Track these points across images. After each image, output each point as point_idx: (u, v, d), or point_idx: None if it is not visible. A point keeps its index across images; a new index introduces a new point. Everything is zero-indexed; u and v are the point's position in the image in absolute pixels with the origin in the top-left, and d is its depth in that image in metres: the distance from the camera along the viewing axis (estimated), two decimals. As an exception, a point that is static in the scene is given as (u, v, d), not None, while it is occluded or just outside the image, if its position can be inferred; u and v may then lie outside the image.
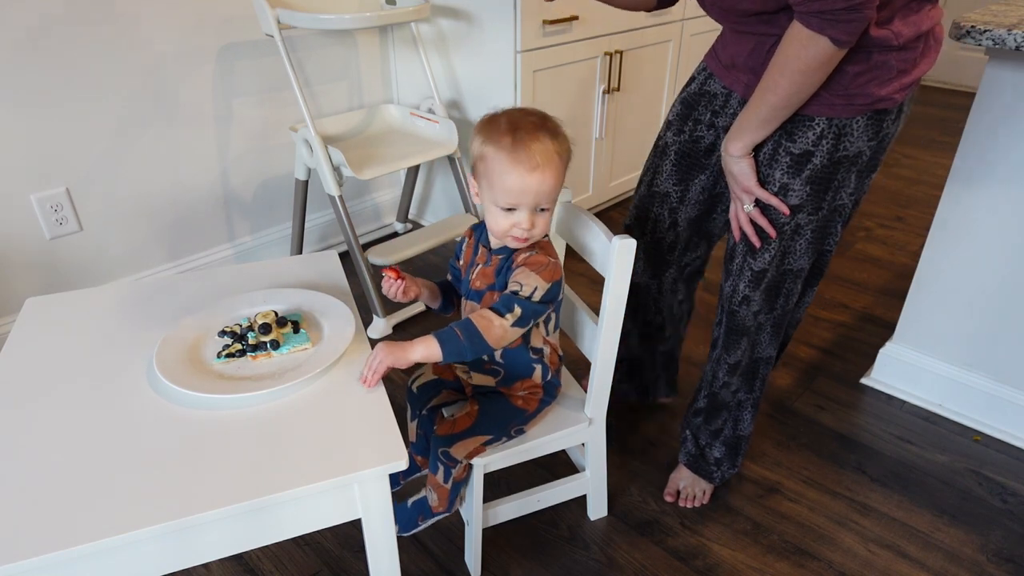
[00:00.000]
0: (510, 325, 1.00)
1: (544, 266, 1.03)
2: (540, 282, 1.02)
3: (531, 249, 1.05)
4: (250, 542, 0.82)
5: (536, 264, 1.03)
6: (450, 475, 1.14)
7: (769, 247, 1.16)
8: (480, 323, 0.99)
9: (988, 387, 1.59)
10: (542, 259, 1.04)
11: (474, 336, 0.98)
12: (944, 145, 3.46)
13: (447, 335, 0.99)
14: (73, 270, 1.88)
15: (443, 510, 1.20)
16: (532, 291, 1.01)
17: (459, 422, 1.13)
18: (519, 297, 1.01)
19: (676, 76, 2.67)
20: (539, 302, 1.02)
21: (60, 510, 0.74)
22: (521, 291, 1.01)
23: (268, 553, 1.31)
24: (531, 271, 1.02)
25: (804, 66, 0.97)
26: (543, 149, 0.98)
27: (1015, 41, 1.19)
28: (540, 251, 1.05)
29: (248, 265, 1.25)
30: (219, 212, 2.13)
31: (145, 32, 1.80)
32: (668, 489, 1.44)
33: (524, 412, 1.16)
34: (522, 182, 0.98)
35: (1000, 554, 1.32)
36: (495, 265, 1.08)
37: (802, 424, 1.64)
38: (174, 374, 0.92)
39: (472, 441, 1.12)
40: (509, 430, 1.15)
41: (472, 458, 1.13)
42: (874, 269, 2.32)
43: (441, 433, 1.13)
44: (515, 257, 1.05)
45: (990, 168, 1.42)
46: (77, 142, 1.78)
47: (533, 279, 1.02)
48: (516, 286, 1.02)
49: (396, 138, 2.10)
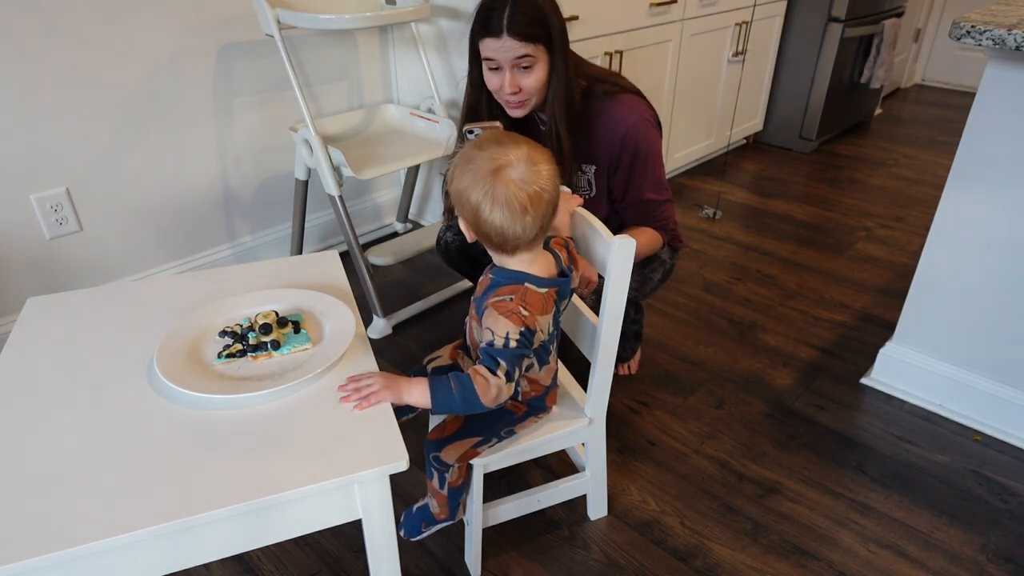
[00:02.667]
0: (504, 383, 0.95)
1: (511, 311, 0.96)
2: (511, 327, 0.95)
3: (506, 295, 0.98)
4: (250, 542, 0.82)
5: (504, 307, 0.96)
6: (444, 480, 1.13)
7: None
8: (478, 383, 0.94)
9: (988, 387, 1.59)
10: (512, 308, 0.96)
11: (469, 394, 0.94)
12: (944, 145, 3.46)
13: (441, 387, 0.95)
14: (73, 270, 1.88)
15: (445, 518, 1.19)
16: (504, 337, 0.95)
17: (448, 425, 1.12)
18: (496, 349, 0.95)
19: (676, 76, 2.67)
20: (516, 347, 0.95)
21: (60, 510, 0.74)
22: (495, 341, 0.95)
23: (268, 553, 1.31)
24: (499, 314, 0.95)
25: None
26: None
27: (1015, 41, 1.19)
28: (516, 298, 0.97)
29: (248, 265, 1.25)
30: (219, 212, 2.13)
31: (145, 32, 1.80)
32: None
33: (513, 414, 1.15)
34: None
35: (1000, 554, 1.32)
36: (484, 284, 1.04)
37: (802, 424, 1.64)
38: (174, 374, 0.92)
39: (462, 444, 1.11)
40: (499, 431, 1.14)
41: (464, 461, 1.12)
42: (874, 269, 2.32)
43: (431, 438, 1.12)
44: (492, 295, 0.99)
45: (990, 168, 1.42)
46: (77, 142, 1.78)
47: (502, 324, 0.95)
48: (488, 335, 0.96)
49: (396, 138, 2.10)
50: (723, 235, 2.56)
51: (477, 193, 0.93)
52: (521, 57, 1.23)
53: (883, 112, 4.01)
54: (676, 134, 2.86)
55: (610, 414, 1.29)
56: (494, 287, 1.01)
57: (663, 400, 1.72)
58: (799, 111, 3.32)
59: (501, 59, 1.22)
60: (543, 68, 1.26)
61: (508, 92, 1.25)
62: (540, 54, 1.24)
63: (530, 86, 1.25)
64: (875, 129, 3.74)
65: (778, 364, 1.85)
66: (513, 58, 1.22)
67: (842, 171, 3.17)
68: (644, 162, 1.39)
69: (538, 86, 1.27)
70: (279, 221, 2.29)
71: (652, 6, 2.37)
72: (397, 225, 2.58)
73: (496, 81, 1.27)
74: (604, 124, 1.36)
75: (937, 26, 4.37)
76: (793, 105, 3.33)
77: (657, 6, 2.38)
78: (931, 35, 4.42)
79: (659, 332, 1.98)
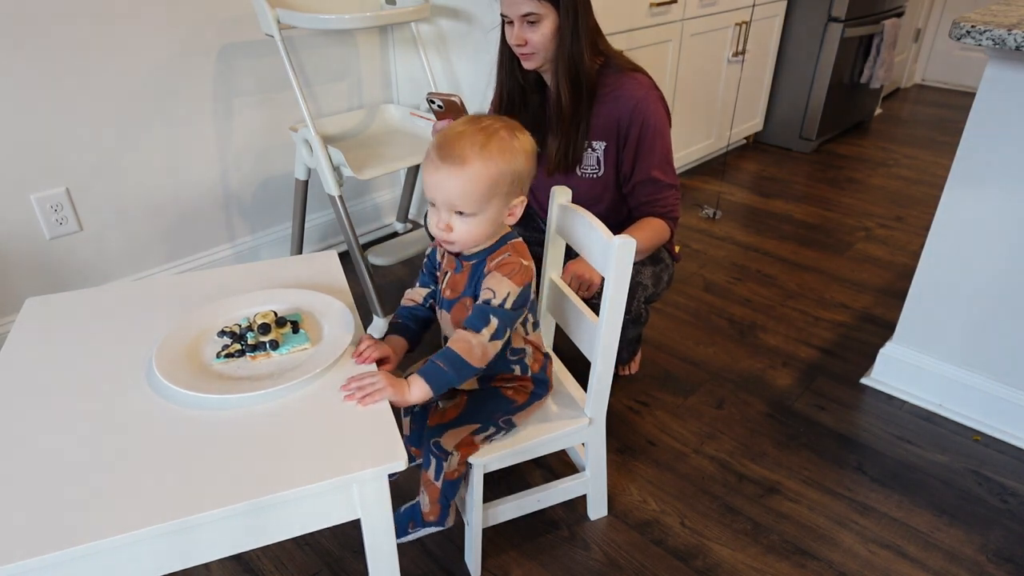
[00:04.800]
0: (488, 340, 0.99)
1: (516, 270, 1.01)
2: (512, 287, 1.00)
3: (504, 252, 1.03)
4: (250, 542, 0.82)
5: (508, 267, 1.01)
6: (441, 470, 1.12)
7: None
8: (460, 347, 0.98)
9: (988, 387, 1.59)
10: (514, 262, 1.02)
11: (456, 363, 0.98)
12: (944, 145, 3.46)
13: (432, 370, 0.98)
14: (73, 270, 1.88)
15: (435, 520, 1.19)
16: (504, 298, 1.00)
17: (448, 412, 1.14)
18: (492, 307, 0.99)
19: (676, 76, 2.67)
20: (512, 308, 1.01)
21: (60, 510, 0.74)
22: (493, 299, 0.99)
23: (268, 553, 1.31)
24: (503, 275, 1.00)
25: None
26: (465, 151, 0.94)
27: (1015, 41, 1.19)
28: (513, 253, 1.03)
29: (248, 265, 1.25)
30: (219, 212, 2.13)
31: (145, 32, 1.80)
32: None
33: (513, 402, 1.16)
34: (433, 173, 0.97)
35: (1000, 554, 1.32)
36: (467, 272, 1.07)
37: (802, 424, 1.64)
38: (174, 374, 0.92)
39: (461, 430, 1.12)
40: (497, 420, 1.14)
41: (462, 449, 1.12)
42: (874, 269, 2.32)
43: (432, 424, 1.13)
44: (488, 261, 1.03)
45: (990, 168, 1.42)
46: (77, 142, 1.78)
47: (505, 285, 1.00)
48: (489, 293, 1.00)
49: (396, 138, 2.10)
50: (723, 235, 2.56)
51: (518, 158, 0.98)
52: (527, 14, 1.33)
53: (883, 112, 4.01)
54: (676, 134, 2.84)
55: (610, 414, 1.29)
56: (489, 252, 1.04)
57: (663, 400, 1.72)
58: (799, 111, 3.32)
59: (511, 13, 1.35)
60: (549, 25, 1.34)
61: (515, 43, 1.37)
62: (547, 11, 1.33)
63: (535, 41, 1.35)
64: (875, 129, 3.74)
65: (778, 364, 1.85)
66: (520, 14, 1.33)
67: (842, 171, 3.17)
68: (652, 137, 1.43)
69: (544, 42, 1.36)
70: (279, 221, 2.29)
71: (652, 6, 2.37)
72: (397, 225, 2.58)
73: (509, 34, 1.39)
74: (614, 99, 1.42)
75: (937, 26, 4.37)
76: (793, 105, 3.33)
77: (657, 6, 2.38)
78: (931, 35, 4.42)
79: (659, 332, 1.98)
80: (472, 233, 0.99)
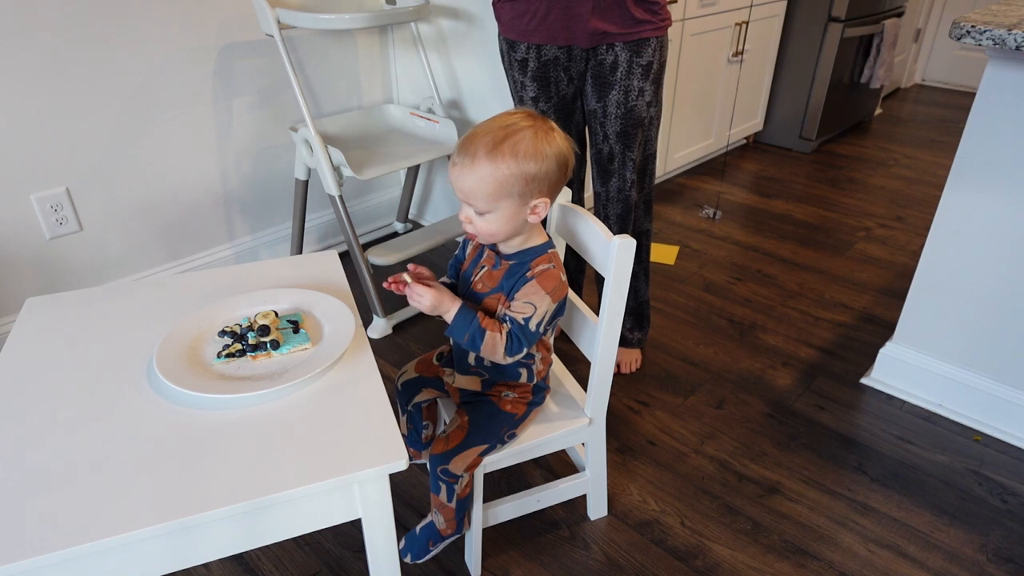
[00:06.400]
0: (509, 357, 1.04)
1: (556, 286, 1.04)
2: (549, 304, 1.04)
3: (548, 262, 1.05)
4: (250, 542, 0.82)
5: (551, 282, 1.04)
6: (453, 492, 1.12)
7: (637, 140, 1.53)
8: (486, 341, 1.02)
9: (988, 387, 1.59)
10: (555, 276, 1.04)
11: (476, 340, 1.03)
12: (944, 145, 3.46)
13: (463, 321, 1.02)
14: (73, 270, 1.88)
15: (452, 532, 1.19)
16: (542, 316, 1.03)
17: (452, 437, 1.12)
18: (529, 329, 1.03)
19: (676, 76, 2.67)
20: (545, 326, 1.05)
21: (60, 510, 0.74)
22: (532, 318, 1.02)
23: (268, 553, 1.31)
24: (543, 290, 1.03)
25: None
26: (477, 150, 0.96)
27: (1015, 41, 1.19)
28: (557, 265, 1.05)
29: (248, 265, 1.25)
30: (219, 212, 2.13)
31: (145, 32, 1.80)
32: None
33: (513, 416, 1.16)
34: (451, 168, 1.00)
35: (1000, 554, 1.32)
36: (504, 269, 1.07)
37: (802, 424, 1.64)
38: (174, 374, 0.92)
39: (469, 454, 1.11)
40: (502, 436, 1.14)
41: (472, 470, 1.12)
42: (874, 269, 2.32)
43: (436, 452, 1.12)
44: (532, 265, 1.05)
45: (990, 168, 1.42)
46: (77, 142, 1.78)
47: (545, 301, 1.03)
48: (530, 309, 1.02)
49: (396, 138, 2.10)
50: (723, 235, 2.56)
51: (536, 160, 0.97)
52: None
53: (883, 112, 4.01)
54: (676, 134, 2.86)
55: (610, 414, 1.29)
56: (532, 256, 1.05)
57: (663, 400, 1.72)
58: (799, 111, 3.32)
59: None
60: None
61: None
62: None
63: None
64: (875, 129, 3.74)
65: (778, 364, 1.85)
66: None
67: (842, 171, 3.17)
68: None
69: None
70: (279, 221, 2.29)
71: (652, 6, 2.36)
72: (397, 225, 2.58)
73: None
74: None
75: (937, 26, 4.37)
76: (793, 105, 3.33)
77: (657, 6, 2.38)
78: (931, 35, 4.42)
79: (659, 332, 1.98)
80: (491, 228, 1.02)
